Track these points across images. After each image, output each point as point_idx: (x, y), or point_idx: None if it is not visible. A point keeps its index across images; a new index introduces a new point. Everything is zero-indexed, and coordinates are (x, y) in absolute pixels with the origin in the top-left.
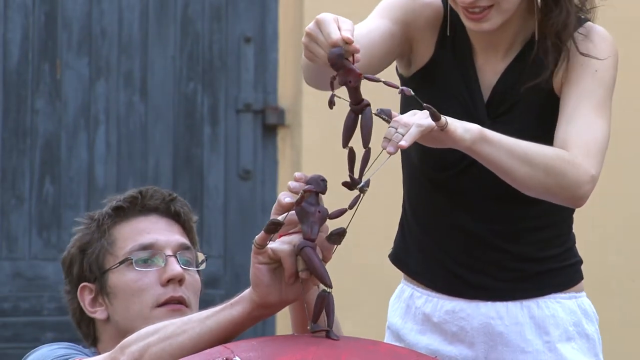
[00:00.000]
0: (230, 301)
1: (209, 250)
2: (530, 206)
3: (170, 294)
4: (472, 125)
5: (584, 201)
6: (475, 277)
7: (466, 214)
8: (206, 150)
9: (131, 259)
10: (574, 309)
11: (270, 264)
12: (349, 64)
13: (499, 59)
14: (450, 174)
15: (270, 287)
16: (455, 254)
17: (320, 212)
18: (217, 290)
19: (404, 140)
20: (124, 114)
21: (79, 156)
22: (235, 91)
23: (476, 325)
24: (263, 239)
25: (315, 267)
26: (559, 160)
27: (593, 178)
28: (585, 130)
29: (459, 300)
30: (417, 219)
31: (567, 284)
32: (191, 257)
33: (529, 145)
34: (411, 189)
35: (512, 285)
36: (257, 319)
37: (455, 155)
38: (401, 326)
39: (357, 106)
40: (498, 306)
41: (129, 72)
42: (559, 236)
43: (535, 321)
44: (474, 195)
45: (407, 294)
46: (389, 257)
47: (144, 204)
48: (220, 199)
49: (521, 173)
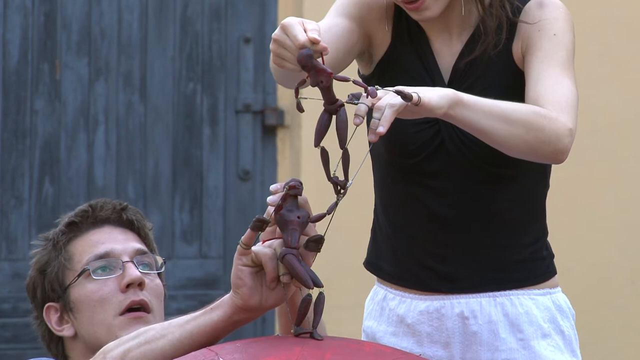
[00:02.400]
0: (210, 305)
1: (208, 251)
2: (502, 185)
3: (131, 299)
4: (445, 91)
5: (565, 155)
6: (447, 268)
7: (438, 199)
8: (205, 151)
9: (88, 269)
10: (548, 305)
11: (253, 267)
12: (319, 64)
13: (454, 40)
14: (420, 159)
15: (252, 290)
16: (427, 245)
17: (299, 218)
18: (217, 291)
19: (381, 126)
20: (123, 114)
21: (78, 157)
22: (234, 92)
23: (450, 326)
24: (249, 237)
25: (298, 273)
26: (535, 116)
27: (571, 131)
28: (555, 89)
29: (432, 299)
30: (388, 216)
31: (540, 278)
32: (150, 261)
33: (506, 104)
34: (382, 185)
35: (484, 276)
36: (237, 323)
37: (423, 138)
38: (376, 329)
39: (332, 106)
40: (472, 304)
41: (128, 73)
42: (532, 221)
43: (509, 319)
44: (445, 177)
45: (380, 295)
46: (363, 265)
47: (95, 216)
48: (219, 199)
49: (501, 132)
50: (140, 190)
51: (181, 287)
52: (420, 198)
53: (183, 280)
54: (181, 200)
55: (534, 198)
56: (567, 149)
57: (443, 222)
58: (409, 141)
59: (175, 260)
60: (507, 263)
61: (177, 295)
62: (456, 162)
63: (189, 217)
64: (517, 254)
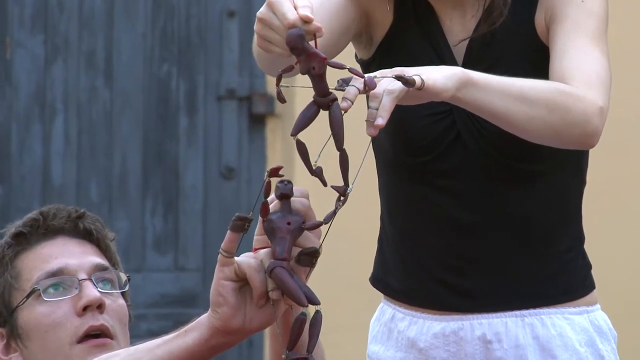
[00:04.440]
0: (184, 327)
1: (185, 262)
2: (529, 183)
3: (90, 324)
4: (452, 70)
5: (595, 139)
6: (465, 283)
7: (454, 202)
8: (182, 145)
9: (38, 288)
10: (585, 327)
11: (237, 281)
12: (312, 48)
13: (468, 16)
14: (432, 156)
15: (235, 310)
16: (442, 256)
17: (290, 224)
18: (195, 309)
19: (379, 117)
20: (85, 101)
21: (32, 151)
22: (216, 75)
23: (470, 351)
24: (230, 242)
25: (289, 289)
26: (559, 94)
27: (602, 110)
28: (582, 62)
29: (449, 319)
30: (396, 224)
31: (576, 293)
32: (111, 278)
33: (524, 82)
34: (388, 188)
35: (509, 292)
36: (216, 348)
37: (436, 131)
38: (383, 355)
39: (323, 99)
40: (495, 325)
41: (91, 52)
42: (566, 225)
43: (540, 342)
44: (462, 176)
45: (388, 315)
46: (369, 281)
47: (47, 226)
48: (198, 201)
49: (520, 115)
50: (105, 191)
51: (153, 305)
52: (433, 202)
53: (155, 296)
54: (153, 202)
55: (568, 198)
56: (598, 131)
57: (460, 228)
58: (419, 136)
59: (146, 273)
60: (537, 276)
61: (147, 314)
62: (474, 159)
63: (163, 222)
64: (548, 265)
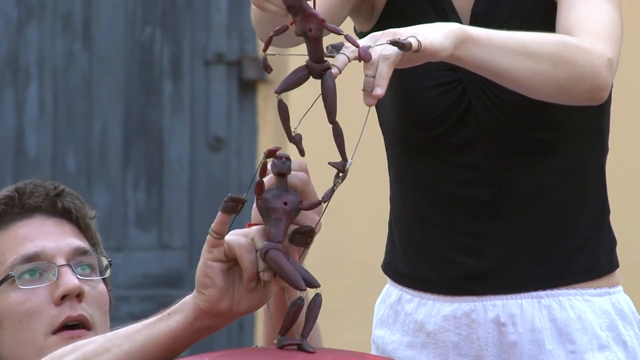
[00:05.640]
0: (167, 310)
1: (170, 240)
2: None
3: (67, 314)
4: (449, 27)
5: (605, 93)
6: (480, 264)
7: (466, 178)
8: (167, 113)
9: (13, 275)
10: (607, 309)
11: (226, 262)
12: (310, 8)
13: None
14: (443, 130)
15: (223, 292)
16: (456, 237)
17: (286, 205)
18: (181, 290)
19: (377, 87)
20: (62, 66)
21: (4, 120)
22: (203, 38)
23: (482, 334)
24: (221, 223)
25: (285, 272)
26: (564, 47)
27: (610, 62)
28: (590, 14)
29: (460, 301)
30: (406, 206)
31: (598, 270)
32: (91, 262)
33: (527, 35)
34: (397, 165)
35: (525, 271)
36: (201, 332)
37: (445, 103)
38: (388, 339)
39: (317, 65)
40: (510, 306)
41: (67, 13)
42: (588, 197)
43: (557, 326)
44: (475, 150)
45: (394, 297)
46: (381, 268)
47: (22, 204)
48: (184, 174)
49: (523, 71)
50: (83, 163)
51: (135, 286)
52: (445, 178)
53: (138, 277)
54: (135, 175)
55: (589, 167)
56: (607, 85)
57: (474, 205)
58: (428, 109)
59: (127, 252)
60: (556, 253)
61: (129, 296)
62: (488, 130)
63: (146, 197)
64: (568, 241)
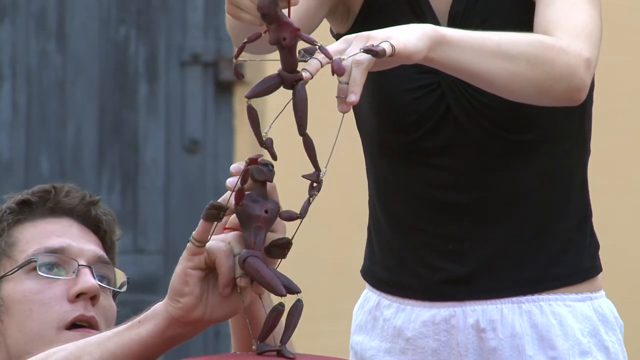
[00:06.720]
0: (138, 317)
1: (145, 244)
2: (528, 156)
3: (80, 312)
4: (423, 29)
5: (583, 93)
6: (460, 269)
7: (446, 182)
8: (142, 115)
9: (34, 260)
10: (588, 315)
11: (205, 269)
12: (284, 16)
13: None
14: (421, 133)
15: (198, 300)
16: (435, 241)
17: (267, 213)
18: (156, 296)
19: (351, 93)
20: (35, 66)
21: None
22: (179, 38)
23: (462, 340)
24: (203, 231)
25: (265, 278)
26: (542, 47)
27: (588, 62)
28: (568, 13)
29: (439, 306)
30: (385, 211)
31: (579, 276)
32: (109, 275)
33: (502, 36)
34: (376, 169)
35: (507, 275)
36: (173, 339)
37: (424, 106)
38: (367, 345)
39: (290, 75)
40: (490, 312)
41: (41, 13)
42: (569, 200)
43: (538, 331)
44: (454, 153)
45: (372, 302)
46: (360, 274)
47: (57, 202)
48: (159, 177)
49: (499, 72)
50: (57, 166)
51: None
52: (425, 182)
53: None
54: (110, 178)
55: (570, 169)
56: (585, 85)
57: (455, 209)
58: (406, 111)
59: None
60: (538, 258)
61: None
62: (467, 133)
63: (120, 199)
64: (551, 246)
